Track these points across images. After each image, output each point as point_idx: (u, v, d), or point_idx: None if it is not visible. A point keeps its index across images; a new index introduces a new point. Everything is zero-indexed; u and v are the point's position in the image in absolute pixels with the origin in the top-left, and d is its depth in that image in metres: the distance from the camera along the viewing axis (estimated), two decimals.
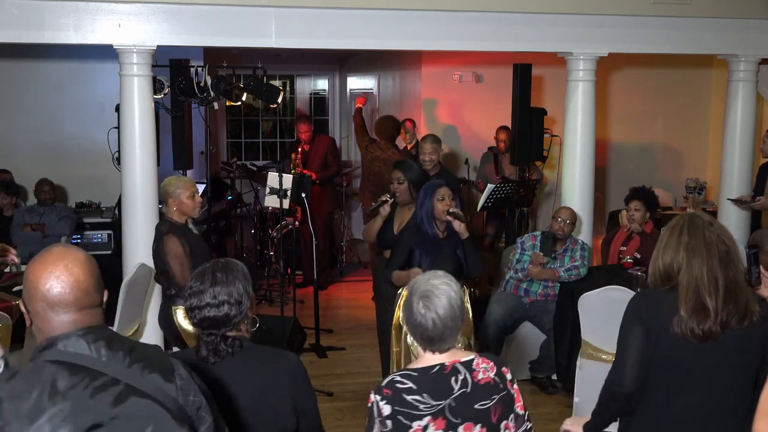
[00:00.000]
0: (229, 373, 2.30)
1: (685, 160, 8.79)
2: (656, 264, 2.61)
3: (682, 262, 2.52)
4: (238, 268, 2.39)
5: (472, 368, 2.35)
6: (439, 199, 4.36)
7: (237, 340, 2.33)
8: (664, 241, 2.60)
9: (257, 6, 5.34)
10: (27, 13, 5.08)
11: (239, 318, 2.33)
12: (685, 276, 2.50)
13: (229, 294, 2.31)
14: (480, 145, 8.04)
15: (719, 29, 6.09)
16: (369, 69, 9.89)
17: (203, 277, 2.34)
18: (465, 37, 5.78)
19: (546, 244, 5.41)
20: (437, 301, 2.32)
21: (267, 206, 6.44)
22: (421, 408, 2.29)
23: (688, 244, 2.53)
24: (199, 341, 2.33)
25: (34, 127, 7.54)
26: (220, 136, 10.40)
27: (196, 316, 2.32)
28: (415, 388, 2.30)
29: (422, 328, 2.33)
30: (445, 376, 2.33)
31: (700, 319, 2.47)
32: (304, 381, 2.40)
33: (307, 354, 6.09)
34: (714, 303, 2.46)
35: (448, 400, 2.30)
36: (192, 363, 2.29)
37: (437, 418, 2.29)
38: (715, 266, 2.49)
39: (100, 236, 6.79)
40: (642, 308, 2.61)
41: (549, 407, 5.19)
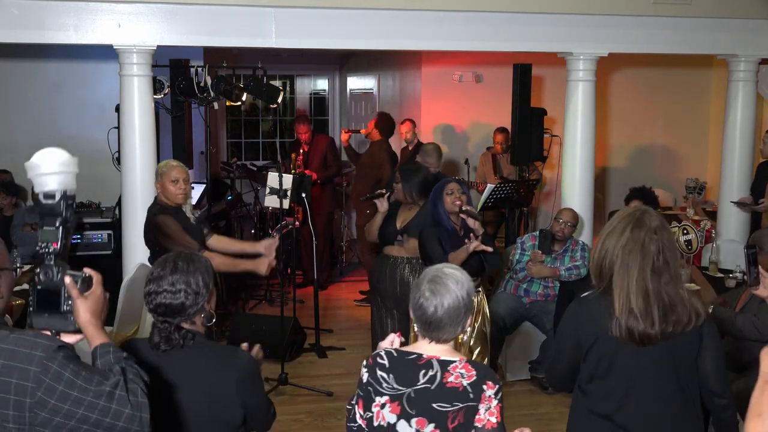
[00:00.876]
0: (177, 364, 2.34)
1: (685, 160, 8.79)
2: (594, 252, 2.59)
3: (617, 261, 2.49)
4: (201, 261, 2.42)
5: (446, 369, 2.33)
6: (447, 194, 4.37)
7: (190, 332, 2.36)
8: (609, 229, 2.56)
9: (257, 6, 5.34)
10: (27, 13, 5.08)
11: (194, 309, 2.35)
12: (617, 279, 2.48)
13: (187, 283, 2.34)
14: (480, 145, 8.04)
15: (719, 29, 6.10)
16: (369, 69, 9.89)
17: (165, 264, 2.38)
18: (465, 37, 5.78)
19: (544, 243, 5.41)
20: (444, 289, 2.34)
21: (267, 206, 6.43)
22: (384, 386, 2.35)
23: (625, 245, 2.49)
24: (153, 328, 2.37)
25: (34, 127, 7.53)
26: (220, 136, 10.40)
27: (152, 302, 2.35)
28: (387, 366, 2.36)
29: (422, 311, 2.35)
30: (417, 366, 2.34)
31: (633, 324, 2.45)
32: (253, 379, 2.41)
33: (307, 354, 6.09)
34: (644, 310, 2.44)
35: (410, 389, 2.33)
36: (144, 350, 2.36)
37: (394, 402, 2.34)
38: (647, 275, 2.46)
39: (100, 236, 6.78)
40: (578, 319, 2.63)
41: (549, 407, 5.19)
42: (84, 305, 2.04)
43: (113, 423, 1.88)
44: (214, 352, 2.42)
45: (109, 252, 6.68)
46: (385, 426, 2.35)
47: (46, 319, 2.05)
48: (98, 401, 1.88)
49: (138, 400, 1.91)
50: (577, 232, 5.75)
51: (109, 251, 6.69)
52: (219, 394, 2.34)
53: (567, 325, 2.67)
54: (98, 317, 2.06)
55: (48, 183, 2.07)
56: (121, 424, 1.89)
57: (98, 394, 1.88)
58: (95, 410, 1.88)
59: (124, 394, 1.89)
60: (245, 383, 2.37)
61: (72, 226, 2.09)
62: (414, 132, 7.56)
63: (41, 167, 2.08)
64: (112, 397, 1.89)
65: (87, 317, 2.03)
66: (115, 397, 1.89)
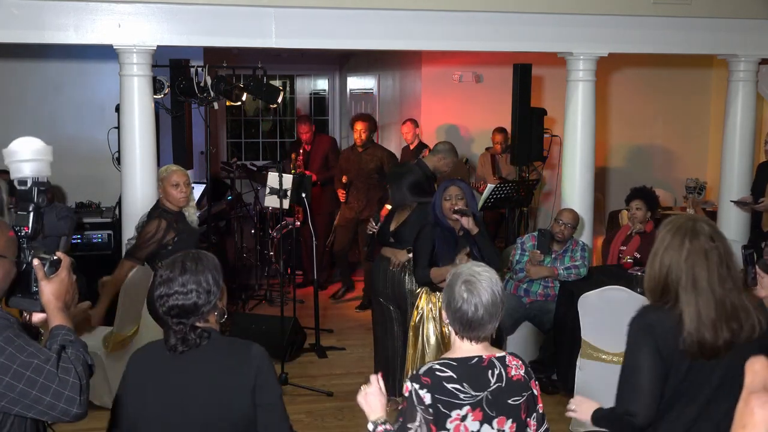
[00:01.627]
0: (194, 363, 2.33)
1: (685, 160, 8.78)
2: (653, 269, 2.48)
3: (682, 275, 2.41)
4: (209, 259, 2.42)
5: (505, 364, 2.40)
6: (446, 199, 4.37)
7: (205, 331, 2.35)
8: (664, 243, 2.47)
9: (257, 6, 5.34)
10: (27, 13, 5.08)
11: (208, 308, 2.35)
12: (685, 293, 2.40)
13: (197, 283, 2.33)
14: (480, 145, 8.05)
15: (719, 29, 6.09)
16: (369, 69, 9.89)
17: (173, 266, 2.37)
18: (465, 37, 5.78)
19: (543, 243, 5.41)
20: (480, 286, 2.36)
21: (267, 206, 6.43)
22: (462, 397, 2.32)
23: (687, 258, 2.41)
24: (168, 331, 2.35)
25: (34, 127, 7.50)
26: (220, 136, 10.40)
27: (165, 304, 2.33)
28: (455, 377, 2.33)
29: (463, 313, 2.36)
30: (483, 368, 2.37)
31: (705, 337, 2.37)
32: (269, 374, 2.39)
33: (307, 354, 6.09)
34: (715, 321, 2.38)
35: (486, 392, 2.34)
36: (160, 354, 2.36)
37: (476, 409, 2.33)
38: (715, 285, 2.40)
39: (100, 236, 6.78)
40: (654, 324, 2.44)
41: (549, 407, 5.13)
42: (48, 287, 2.13)
43: (39, 396, 1.97)
44: (230, 347, 2.40)
45: (109, 252, 6.68)
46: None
47: (18, 299, 2.17)
48: (24, 371, 1.96)
49: (68, 378, 2.00)
50: (577, 233, 5.75)
51: (109, 251, 6.69)
52: (236, 389, 2.32)
53: (640, 332, 2.45)
54: (60, 299, 2.15)
55: (22, 169, 2.19)
56: (47, 398, 1.98)
57: (25, 365, 1.96)
58: (21, 380, 1.96)
59: (53, 370, 1.98)
60: (261, 375, 2.35)
61: (43, 211, 2.20)
62: (415, 132, 7.56)
63: (17, 155, 2.19)
64: (40, 370, 1.97)
65: (49, 298, 2.13)
66: (44, 372, 1.97)
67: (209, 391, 2.32)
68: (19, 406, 1.99)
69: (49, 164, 2.25)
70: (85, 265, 6.39)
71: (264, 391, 2.35)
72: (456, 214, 4.31)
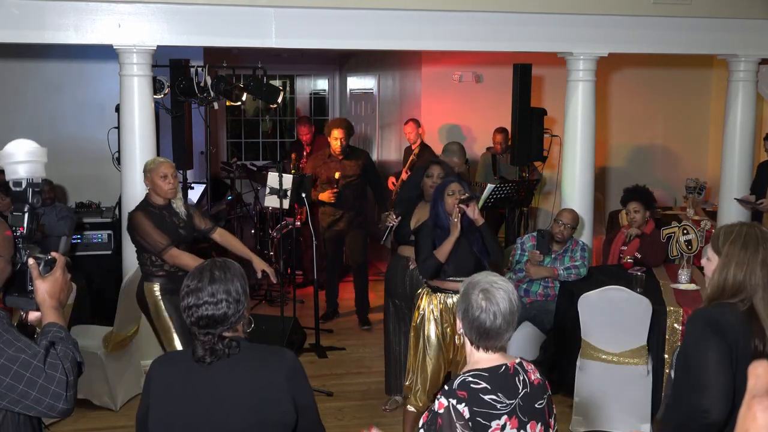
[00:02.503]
0: (225, 373, 2.27)
1: (685, 160, 8.78)
2: (724, 279, 2.41)
3: (759, 279, 2.36)
4: (236, 267, 2.36)
5: (525, 369, 2.41)
6: (449, 194, 4.35)
7: (234, 340, 2.29)
8: (736, 256, 2.41)
9: (257, 6, 5.34)
10: (27, 13, 5.08)
11: (237, 317, 2.29)
12: (762, 300, 2.35)
13: (227, 292, 2.27)
14: (480, 145, 8.04)
15: (719, 29, 6.10)
16: (369, 69, 9.89)
17: (201, 275, 2.30)
18: (465, 37, 5.78)
19: (542, 243, 5.41)
20: (498, 295, 2.35)
21: (267, 206, 6.44)
22: (499, 407, 2.30)
23: (765, 261, 2.37)
24: (195, 341, 2.29)
25: (34, 127, 7.52)
26: (220, 136, 10.40)
27: (193, 314, 2.27)
28: (490, 388, 2.31)
29: (480, 322, 2.34)
30: (510, 376, 2.36)
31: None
32: (302, 377, 2.37)
33: (307, 354, 6.09)
34: None
35: (517, 399, 2.34)
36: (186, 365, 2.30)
37: (512, 417, 2.32)
38: None
39: (100, 236, 6.78)
40: (719, 319, 2.35)
41: None
42: (42, 286, 2.17)
43: (26, 391, 2.01)
44: (260, 354, 2.34)
45: (109, 252, 6.68)
46: None
47: (15, 298, 2.22)
48: (12, 366, 2.01)
49: (55, 374, 2.03)
50: (577, 233, 5.75)
51: (109, 251, 6.69)
52: (272, 396, 2.28)
53: (706, 327, 2.36)
54: (55, 298, 2.18)
55: (17, 171, 2.23)
56: (33, 393, 2.02)
57: (12, 360, 2.01)
58: (8, 374, 2.00)
59: (40, 365, 2.02)
60: (294, 380, 2.32)
61: (42, 211, 2.24)
62: (417, 132, 7.56)
63: (12, 156, 2.23)
64: (27, 365, 2.01)
65: (44, 297, 2.17)
66: (31, 367, 2.02)
67: (244, 399, 2.25)
68: (5, 400, 2.03)
69: (44, 165, 2.28)
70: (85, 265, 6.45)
71: (298, 395, 2.33)
72: (461, 204, 4.28)
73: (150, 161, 4.52)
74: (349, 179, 6.71)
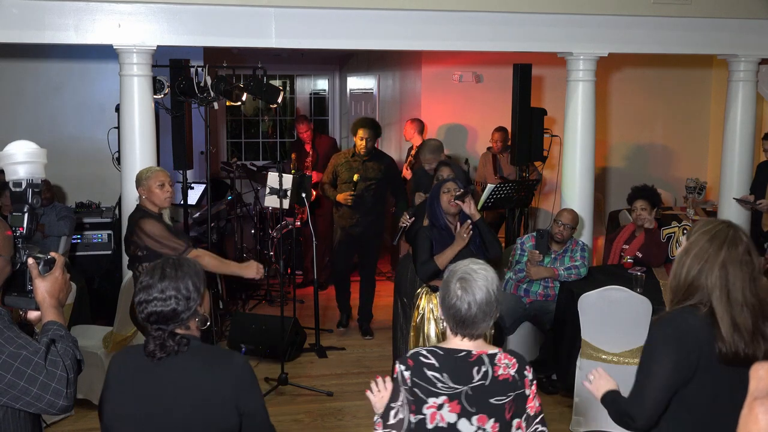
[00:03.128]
0: (172, 371, 2.32)
1: (685, 160, 8.78)
2: (682, 269, 2.40)
3: (717, 283, 2.34)
4: (190, 265, 2.40)
5: (494, 362, 2.38)
6: (444, 192, 4.36)
7: (185, 338, 2.34)
8: (698, 246, 2.39)
9: (257, 6, 5.34)
10: (27, 13, 5.08)
11: (187, 314, 2.34)
12: (722, 302, 2.33)
13: (176, 289, 2.32)
14: (480, 145, 8.05)
15: (719, 29, 6.09)
16: (369, 69, 9.89)
17: (153, 272, 2.36)
18: (465, 37, 5.78)
19: (541, 243, 5.41)
20: (475, 285, 2.36)
21: (267, 206, 6.43)
22: (439, 386, 2.34)
23: (723, 266, 2.34)
24: (148, 336, 2.35)
25: (34, 127, 7.53)
26: (220, 136, 10.40)
27: (144, 311, 2.33)
28: (437, 365, 2.35)
29: (456, 310, 2.37)
30: (469, 363, 2.36)
31: (740, 345, 2.31)
32: (249, 384, 2.38)
33: (307, 354, 6.09)
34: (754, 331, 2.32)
35: (466, 387, 2.34)
36: (139, 358, 2.35)
37: (453, 401, 2.33)
38: (748, 295, 2.35)
39: (100, 236, 6.78)
40: (681, 325, 2.34)
41: (549, 407, 5.18)
42: (42, 285, 2.21)
43: (27, 387, 2.04)
44: (210, 356, 2.39)
45: (109, 252, 6.68)
46: (444, 426, 2.35)
47: (15, 298, 2.25)
48: (13, 362, 2.03)
49: (56, 371, 2.06)
50: (577, 233, 5.75)
51: (109, 251, 6.69)
52: (215, 399, 2.31)
53: (664, 350, 2.34)
54: (54, 297, 2.22)
55: (17, 171, 2.27)
56: (34, 389, 2.04)
57: (14, 356, 2.04)
58: (9, 370, 2.03)
59: (41, 362, 2.05)
60: (241, 387, 2.34)
61: (42, 211, 2.27)
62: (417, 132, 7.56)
63: (11, 157, 2.27)
64: (29, 362, 2.04)
65: (44, 296, 2.21)
66: (32, 363, 2.04)
67: (187, 399, 2.30)
68: (6, 396, 2.05)
69: (44, 166, 2.32)
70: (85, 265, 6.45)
71: (245, 400, 2.34)
72: (457, 200, 4.29)
73: (145, 170, 4.50)
74: (369, 182, 6.44)
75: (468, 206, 4.30)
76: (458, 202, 4.29)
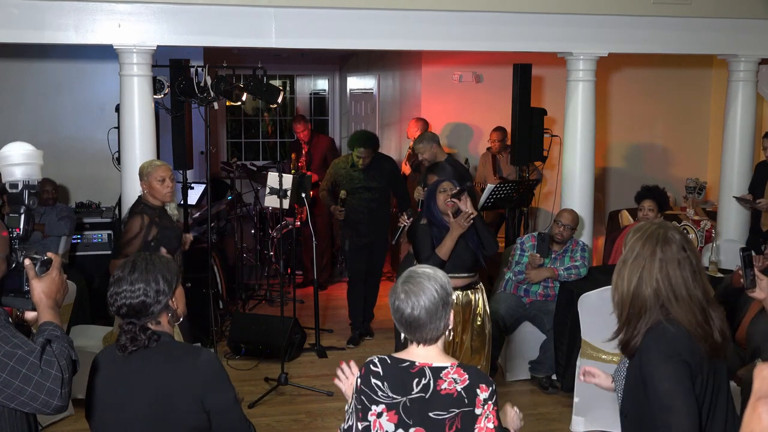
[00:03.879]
0: (139, 364, 2.35)
1: (685, 160, 8.78)
2: (622, 280, 2.35)
3: (660, 286, 2.30)
4: (162, 261, 2.44)
5: (439, 376, 2.29)
6: (440, 191, 4.39)
7: (156, 333, 2.37)
8: (634, 253, 2.34)
9: (257, 6, 5.34)
10: (27, 13, 5.08)
11: (158, 308, 2.37)
12: (673, 303, 2.30)
13: (146, 281, 2.35)
14: (480, 145, 8.05)
15: (719, 29, 6.10)
16: (369, 69, 9.89)
17: (125, 266, 2.41)
18: (465, 37, 5.78)
19: (542, 246, 5.41)
20: (418, 288, 2.31)
21: (267, 206, 6.43)
22: (380, 395, 2.32)
23: (662, 267, 2.31)
24: (120, 330, 2.39)
25: (34, 127, 7.53)
26: (220, 136, 10.40)
27: (114, 303, 2.37)
28: (381, 374, 2.33)
29: (400, 313, 2.33)
30: (410, 374, 2.31)
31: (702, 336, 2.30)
32: (218, 380, 2.38)
33: (307, 354, 6.09)
34: (704, 323, 2.31)
35: (405, 398, 2.29)
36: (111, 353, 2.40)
37: (391, 411, 2.31)
38: (692, 290, 2.32)
39: (100, 236, 6.78)
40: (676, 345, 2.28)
41: (549, 407, 5.19)
42: (38, 285, 2.21)
43: (22, 387, 2.04)
44: (178, 352, 2.40)
45: (109, 252, 6.68)
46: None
47: (12, 298, 2.26)
48: (8, 361, 2.03)
49: (51, 371, 2.07)
50: (577, 233, 5.75)
51: (109, 251, 6.69)
52: (180, 395, 2.32)
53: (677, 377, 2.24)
54: (51, 297, 2.23)
55: (13, 173, 2.29)
56: (29, 389, 2.05)
57: (9, 356, 2.04)
58: (4, 370, 2.03)
59: (36, 362, 2.05)
60: (208, 384, 2.35)
61: (38, 212, 2.27)
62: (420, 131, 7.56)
63: (8, 159, 2.28)
64: (24, 361, 2.05)
65: (40, 296, 2.21)
66: (27, 363, 2.05)
67: (152, 393, 2.33)
68: (2, 396, 2.05)
69: (40, 168, 2.34)
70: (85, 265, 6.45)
71: (214, 397, 2.36)
72: (453, 198, 4.33)
73: (146, 164, 4.51)
74: (373, 192, 6.38)
75: (464, 204, 4.33)
76: (454, 200, 4.33)
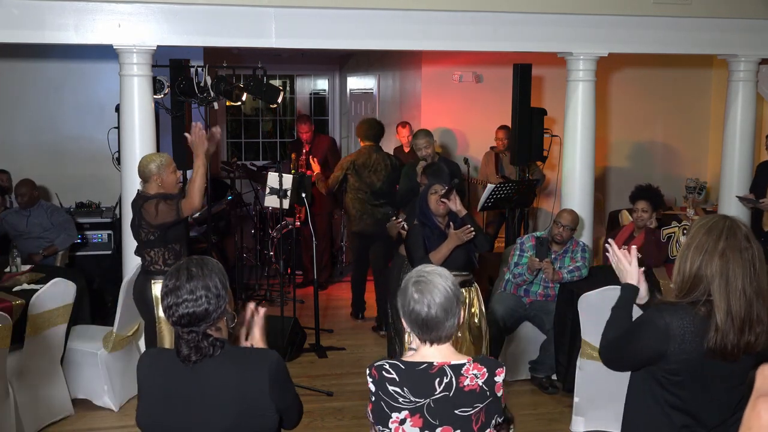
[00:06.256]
0: (209, 373, 2.27)
1: (685, 160, 8.79)
2: (684, 263, 2.43)
3: (716, 272, 2.36)
4: (213, 263, 2.36)
5: (460, 373, 2.32)
6: (432, 193, 4.41)
7: (218, 341, 2.29)
8: (696, 240, 2.42)
9: (257, 6, 5.34)
10: (27, 13, 5.08)
11: (218, 313, 2.29)
12: (721, 290, 2.35)
13: (206, 288, 2.26)
14: (480, 145, 8.04)
15: (719, 29, 6.09)
16: (369, 69, 9.89)
17: (178, 274, 2.29)
18: (465, 37, 5.78)
19: (541, 250, 5.41)
20: (432, 286, 2.33)
21: (267, 206, 6.43)
22: (401, 401, 2.31)
23: (723, 254, 2.36)
24: (179, 340, 2.28)
25: (34, 127, 7.54)
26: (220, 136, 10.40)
27: (174, 313, 2.26)
28: (398, 380, 2.32)
29: (416, 314, 2.33)
30: (430, 375, 2.32)
31: (731, 337, 2.33)
32: (284, 380, 2.36)
33: (307, 354, 6.09)
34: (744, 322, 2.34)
35: (428, 399, 2.30)
36: (171, 363, 2.29)
37: (415, 415, 2.30)
38: (747, 283, 2.35)
39: (100, 236, 6.78)
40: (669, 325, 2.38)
41: (549, 407, 5.19)
42: None
43: None
44: (244, 357, 2.33)
45: (109, 252, 6.68)
46: None
47: None
48: None
49: None
50: (577, 233, 5.75)
51: (109, 251, 6.69)
52: (253, 397, 2.27)
53: (649, 333, 2.44)
54: None
55: None
56: None
57: None
58: None
59: None
60: (278, 385, 2.31)
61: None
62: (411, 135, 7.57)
63: None
64: None
65: None
66: None
67: (227, 402, 2.25)
68: None
69: None
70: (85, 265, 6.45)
71: (286, 396, 2.35)
72: (443, 198, 4.37)
73: (154, 158, 4.47)
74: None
75: (454, 203, 4.35)
76: (444, 200, 4.35)
